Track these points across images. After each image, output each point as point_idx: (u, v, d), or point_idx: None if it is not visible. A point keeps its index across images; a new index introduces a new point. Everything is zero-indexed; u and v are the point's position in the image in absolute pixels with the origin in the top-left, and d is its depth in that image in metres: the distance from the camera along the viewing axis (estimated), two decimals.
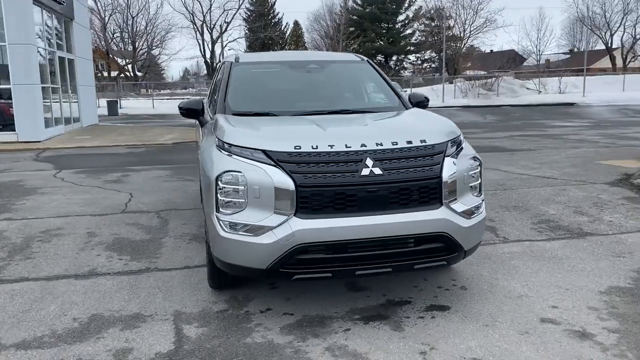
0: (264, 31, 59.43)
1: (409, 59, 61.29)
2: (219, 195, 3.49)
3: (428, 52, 59.01)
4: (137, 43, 57.77)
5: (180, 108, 4.76)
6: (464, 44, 54.40)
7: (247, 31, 60.72)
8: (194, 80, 75.69)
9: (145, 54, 60.40)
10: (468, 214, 3.61)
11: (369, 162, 3.39)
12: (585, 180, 8.02)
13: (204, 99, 4.89)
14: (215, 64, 56.85)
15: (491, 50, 63.93)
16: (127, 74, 58.76)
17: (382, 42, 57.80)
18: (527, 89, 37.84)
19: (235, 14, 56.92)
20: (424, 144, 3.57)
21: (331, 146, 3.43)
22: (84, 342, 3.34)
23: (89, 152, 13.34)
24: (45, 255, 5.02)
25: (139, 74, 60.35)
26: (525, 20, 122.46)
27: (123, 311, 3.79)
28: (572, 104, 31.84)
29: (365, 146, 3.45)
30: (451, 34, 57.81)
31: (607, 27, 54.57)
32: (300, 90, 4.95)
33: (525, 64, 62.91)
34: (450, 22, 58.21)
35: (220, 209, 3.49)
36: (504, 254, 4.83)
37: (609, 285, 4.09)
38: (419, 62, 61.35)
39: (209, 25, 55.25)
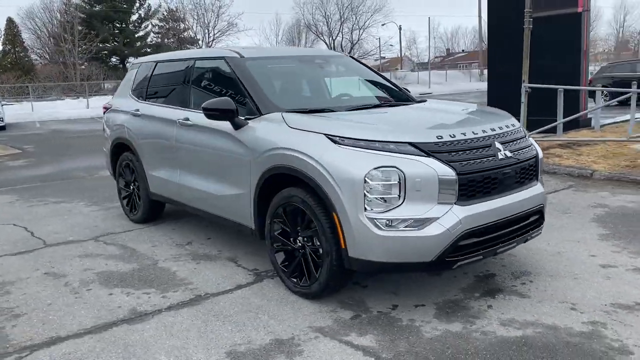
0: None
1: None
2: (367, 193, 3.31)
3: None
4: None
5: (206, 109, 4.14)
6: (211, 46, 55.07)
7: None
8: None
9: None
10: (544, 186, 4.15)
11: (499, 145, 3.63)
12: None
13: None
14: None
15: None
16: None
17: (117, 43, 54.67)
18: None
19: None
20: (515, 127, 3.96)
21: (464, 134, 3.56)
22: None
23: None
24: (35, 308, 3.87)
25: None
26: (265, 24, 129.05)
27: (255, 341, 3.27)
28: None
29: (486, 132, 3.68)
30: (191, 35, 58.03)
31: (329, 32, 61.51)
32: (327, 85, 4.80)
33: None
34: (187, 24, 58.31)
35: (369, 208, 3.32)
36: None
37: (597, 234, 5.08)
38: None
39: None
